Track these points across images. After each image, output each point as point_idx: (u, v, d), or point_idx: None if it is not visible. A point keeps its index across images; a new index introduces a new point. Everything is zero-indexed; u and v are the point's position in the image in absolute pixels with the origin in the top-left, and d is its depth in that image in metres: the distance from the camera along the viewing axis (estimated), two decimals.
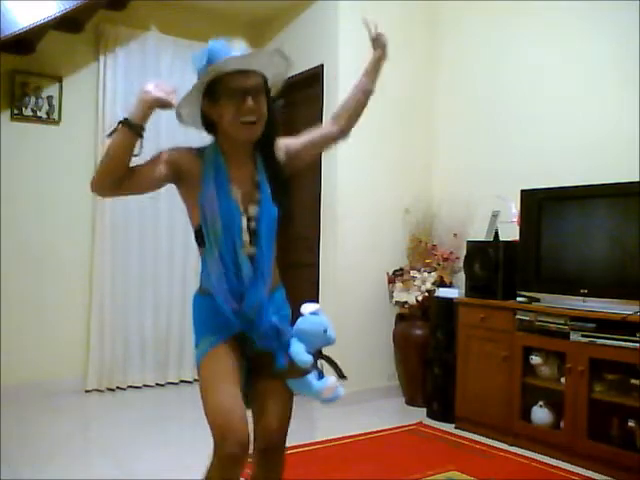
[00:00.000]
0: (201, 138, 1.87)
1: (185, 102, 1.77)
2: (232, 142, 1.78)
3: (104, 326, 4.40)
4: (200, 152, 1.79)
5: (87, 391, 4.35)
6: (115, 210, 4.45)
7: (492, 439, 3.48)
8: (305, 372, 1.79)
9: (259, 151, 1.81)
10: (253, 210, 1.77)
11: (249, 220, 1.76)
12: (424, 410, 4.02)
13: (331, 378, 1.83)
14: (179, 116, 1.81)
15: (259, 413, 1.82)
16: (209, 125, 1.82)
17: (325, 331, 1.86)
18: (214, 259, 1.75)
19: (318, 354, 1.85)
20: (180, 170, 1.75)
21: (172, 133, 4.41)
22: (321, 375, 1.83)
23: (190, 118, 1.82)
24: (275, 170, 1.81)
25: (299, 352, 1.78)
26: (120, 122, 1.68)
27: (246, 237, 1.76)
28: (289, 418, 1.86)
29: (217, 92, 1.73)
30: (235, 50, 1.73)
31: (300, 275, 4.72)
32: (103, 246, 4.42)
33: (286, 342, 1.80)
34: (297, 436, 3.45)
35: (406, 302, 4.20)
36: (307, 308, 1.87)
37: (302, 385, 1.82)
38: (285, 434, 1.84)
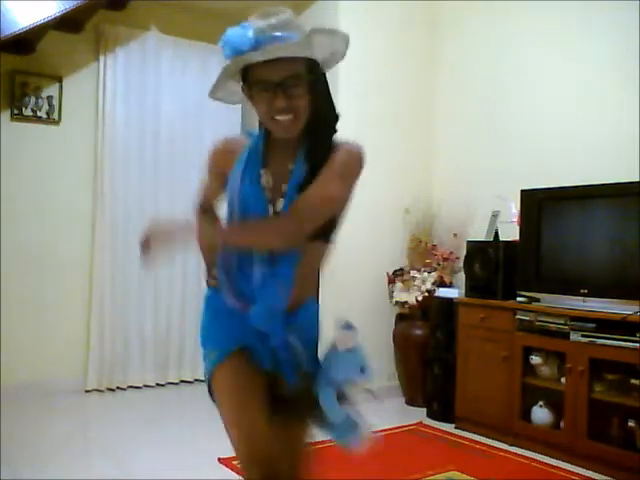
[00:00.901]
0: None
1: (218, 88, 1.55)
2: (274, 133, 1.55)
3: (104, 326, 4.40)
4: (244, 141, 1.62)
5: (87, 391, 4.35)
6: (115, 210, 4.45)
7: (492, 439, 3.48)
8: (331, 424, 1.52)
9: (307, 143, 1.55)
10: (280, 204, 1.54)
11: (275, 214, 1.54)
12: (424, 410, 4.02)
13: (364, 430, 1.57)
14: (218, 99, 1.60)
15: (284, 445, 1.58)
16: None
17: (362, 370, 1.53)
18: (226, 254, 1.57)
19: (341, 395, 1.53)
20: (225, 170, 1.59)
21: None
22: (351, 421, 1.55)
23: (235, 97, 1.59)
24: (316, 164, 1.53)
25: (329, 403, 1.48)
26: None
27: None
28: (301, 459, 1.66)
29: (249, 81, 1.50)
30: (269, 30, 1.45)
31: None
32: (103, 246, 4.42)
33: (310, 372, 1.55)
34: None
35: (406, 302, 4.20)
36: (343, 341, 1.55)
37: (326, 430, 1.57)
38: (296, 472, 1.63)
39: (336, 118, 1.63)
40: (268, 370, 1.56)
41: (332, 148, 1.56)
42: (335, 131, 1.60)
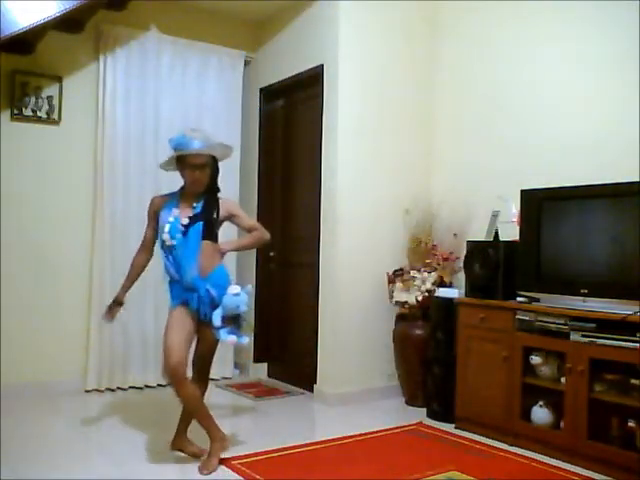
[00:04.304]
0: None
1: (166, 164, 3.07)
2: (189, 189, 3.03)
3: (104, 326, 4.39)
4: (169, 195, 3.08)
5: (87, 391, 4.35)
6: (115, 210, 4.45)
7: (492, 439, 3.48)
8: (218, 328, 2.88)
9: (203, 194, 3.02)
10: (185, 221, 2.93)
11: (182, 226, 2.92)
12: (424, 410, 4.03)
13: (231, 337, 2.89)
14: (164, 169, 3.16)
15: (197, 349, 3.09)
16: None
17: (238, 307, 2.88)
18: (163, 252, 3.00)
19: (232, 318, 2.90)
20: (157, 210, 3.05)
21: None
22: (232, 332, 2.90)
23: (171, 168, 3.09)
24: (207, 205, 2.99)
25: (215, 317, 2.87)
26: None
27: (179, 236, 2.91)
28: (212, 352, 3.10)
29: (182, 163, 2.97)
30: (195, 140, 2.90)
31: (300, 275, 4.72)
32: (103, 246, 4.42)
33: (216, 305, 2.91)
34: (297, 436, 3.48)
35: (406, 302, 4.20)
36: (231, 290, 2.90)
37: (216, 333, 2.90)
38: (209, 361, 3.12)
39: (218, 188, 3.08)
40: (196, 308, 2.95)
41: (216, 198, 3.06)
42: (219, 191, 3.09)
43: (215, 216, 2.99)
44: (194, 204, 2.99)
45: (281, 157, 5.06)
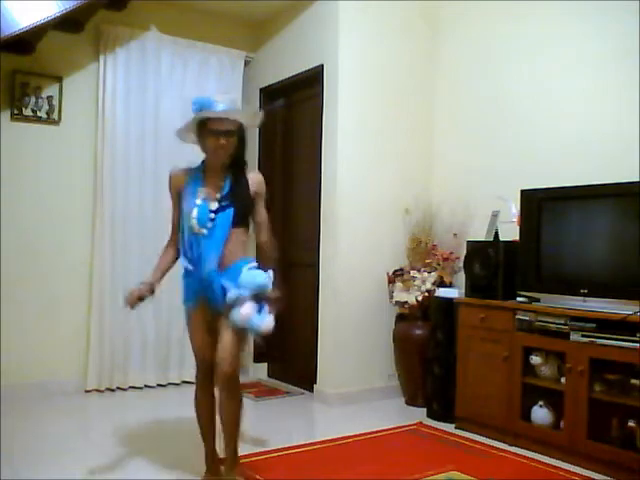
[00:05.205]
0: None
1: (183, 131, 2.66)
2: (211, 161, 2.64)
3: (104, 326, 4.40)
4: (190, 170, 2.68)
5: (87, 391, 4.35)
6: (115, 210, 4.45)
7: (492, 439, 3.48)
8: (231, 306, 2.49)
9: (230, 169, 2.65)
10: (213, 205, 2.56)
11: (211, 212, 2.55)
12: (424, 410, 4.03)
13: (244, 308, 2.46)
14: (179, 137, 2.73)
15: (218, 350, 2.57)
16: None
17: (254, 277, 2.50)
18: (184, 239, 2.62)
19: (254, 296, 2.50)
20: (179, 189, 2.68)
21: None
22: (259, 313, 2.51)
23: (190, 140, 2.69)
24: (237, 184, 2.63)
25: (230, 290, 2.49)
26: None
27: (208, 223, 2.54)
28: (237, 352, 2.60)
29: (204, 129, 2.57)
30: (221, 102, 2.54)
31: (300, 275, 4.72)
32: (103, 246, 4.42)
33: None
34: (297, 436, 3.48)
35: (406, 302, 4.20)
36: (248, 266, 2.56)
37: (232, 315, 2.49)
38: (234, 363, 2.57)
39: (245, 162, 2.72)
40: (215, 303, 2.58)
41: (244, 173, 2.69)
42: (246, 165, 2.72)
43: (246, 197, 2.64)
44: (221, 183, 2.60)
45: (281, 157, 5.06)
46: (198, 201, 2.55)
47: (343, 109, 4.26)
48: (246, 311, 2.46)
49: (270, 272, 2.58)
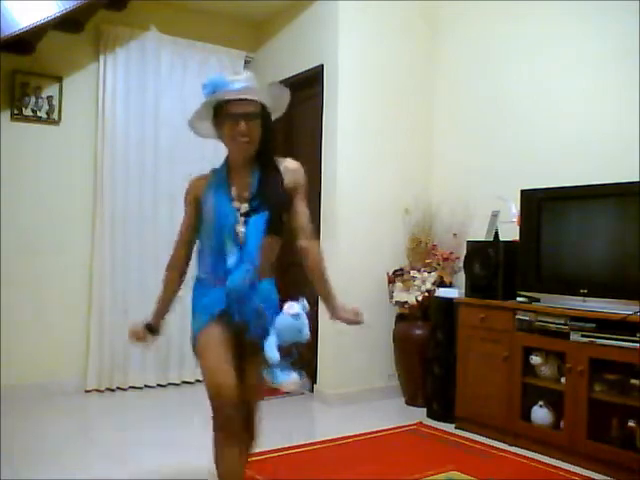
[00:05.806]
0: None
1: (195, 119, 2.16)
2: (234, 154, 2.15)
3: (104, 326, 4.40)
4: (212, 171, 2.21)
5: (87, 391, 4.35)
6: (115, 210, 4.45)
7: (492, 439, 3.48)
8: (271, 365, 2.06)
9: (258, 162, 2.14)
10: (244, 208, 2.09)
11: (241, 215, 2.09)
12: (424, 410, 4.02)
13: (294, 375, 2.07)
14: (193, 129, 2.22)
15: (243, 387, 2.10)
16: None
17: (300, 331, 2.07)
18: (208, 247, 2.16)
19: (289, 349, 2.08)
20: (197, 195, 2.18)
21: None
22: (287, 369, 2.08)
23: (206, 131, 2.20)
24: (267, 177, 2.13)
25: (270, 348, 2.03)
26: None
27: (239, 228, 2.08)
28: (260, 395, 2.31)
29: (220, 115, 2.08)
30: (237, 81, 2.06)
31: (300, 275, 4.71)
32: (103, 246, 4.42)
33: (267, 330, 2.08)
34: (297, 436, 3.47)
35: (406, 302, 4.20)
36: (289, 309, 2.08)
37: (268, 373, 2.09)
38: (254, 407, 2.29)
39: (275, 148, 2.21)
40: (237, 322, 2.08)
41: (276, 163, 2.17)
42: (274, 155, 2.18)
43: (281, 192, 2.13)
44: (249, 179, 2.11)
45: (281, 157, 5.05)
46: (225, 204, 2.09)
47: (343, 109, 4.26)
48: (294, 382, 2.08)
49: (304, 304, 2.13)
